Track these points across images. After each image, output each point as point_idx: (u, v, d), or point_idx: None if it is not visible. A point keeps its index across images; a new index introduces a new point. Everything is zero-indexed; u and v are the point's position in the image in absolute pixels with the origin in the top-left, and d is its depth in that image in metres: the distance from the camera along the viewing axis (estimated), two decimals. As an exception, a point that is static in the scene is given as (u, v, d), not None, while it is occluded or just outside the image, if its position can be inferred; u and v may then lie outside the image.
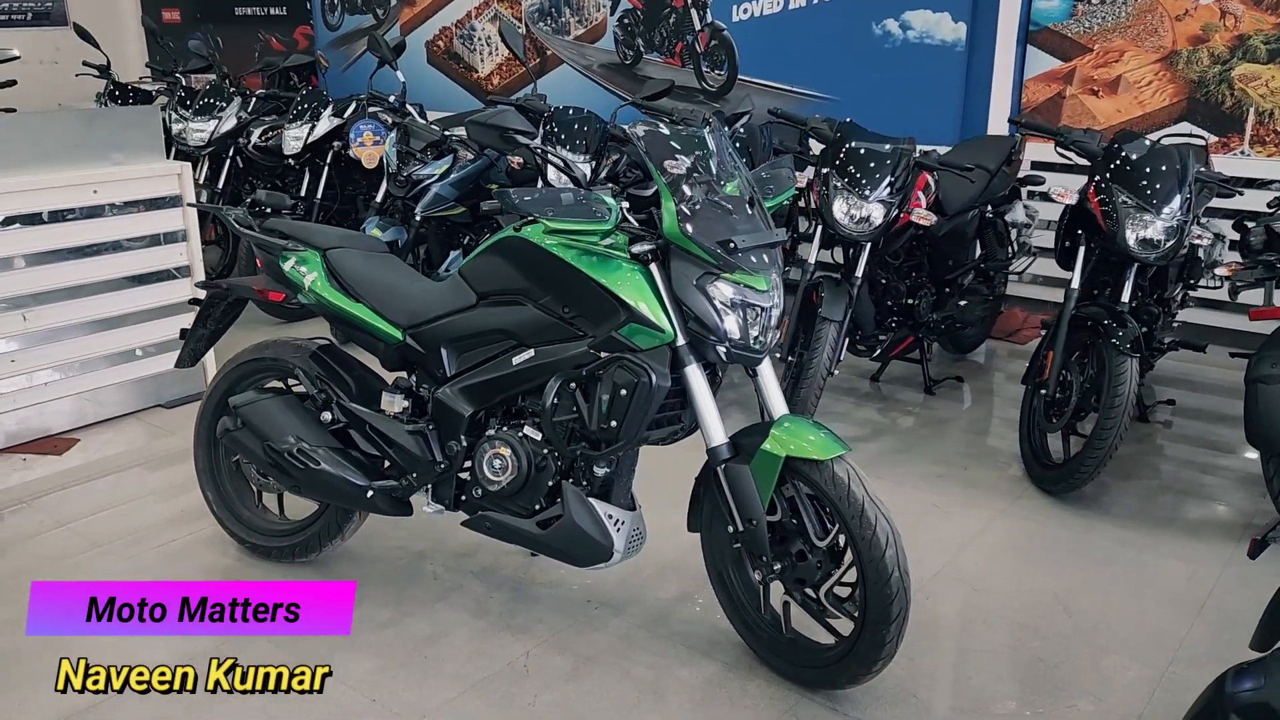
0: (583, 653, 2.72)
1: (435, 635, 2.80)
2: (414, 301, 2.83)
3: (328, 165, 5.62)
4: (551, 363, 2.59)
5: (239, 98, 5.98)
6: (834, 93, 5.72)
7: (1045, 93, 5.42)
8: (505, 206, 2.47)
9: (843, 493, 2.35)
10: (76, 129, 4.10)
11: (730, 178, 2.53)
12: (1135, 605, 2.96)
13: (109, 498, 3.65)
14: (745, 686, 2.59)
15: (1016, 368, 4.99)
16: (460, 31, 7.24)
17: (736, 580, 2.68)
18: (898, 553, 2.33)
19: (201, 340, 3.25)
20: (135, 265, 4.27)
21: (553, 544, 2.64)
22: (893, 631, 2.35)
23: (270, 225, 3.05)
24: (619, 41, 6.49)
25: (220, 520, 3.20)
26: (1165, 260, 3.49)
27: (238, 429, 2.92)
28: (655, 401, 2.47)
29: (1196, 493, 3.67)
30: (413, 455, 2.77)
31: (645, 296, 2.45)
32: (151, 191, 4.26)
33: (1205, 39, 4.99)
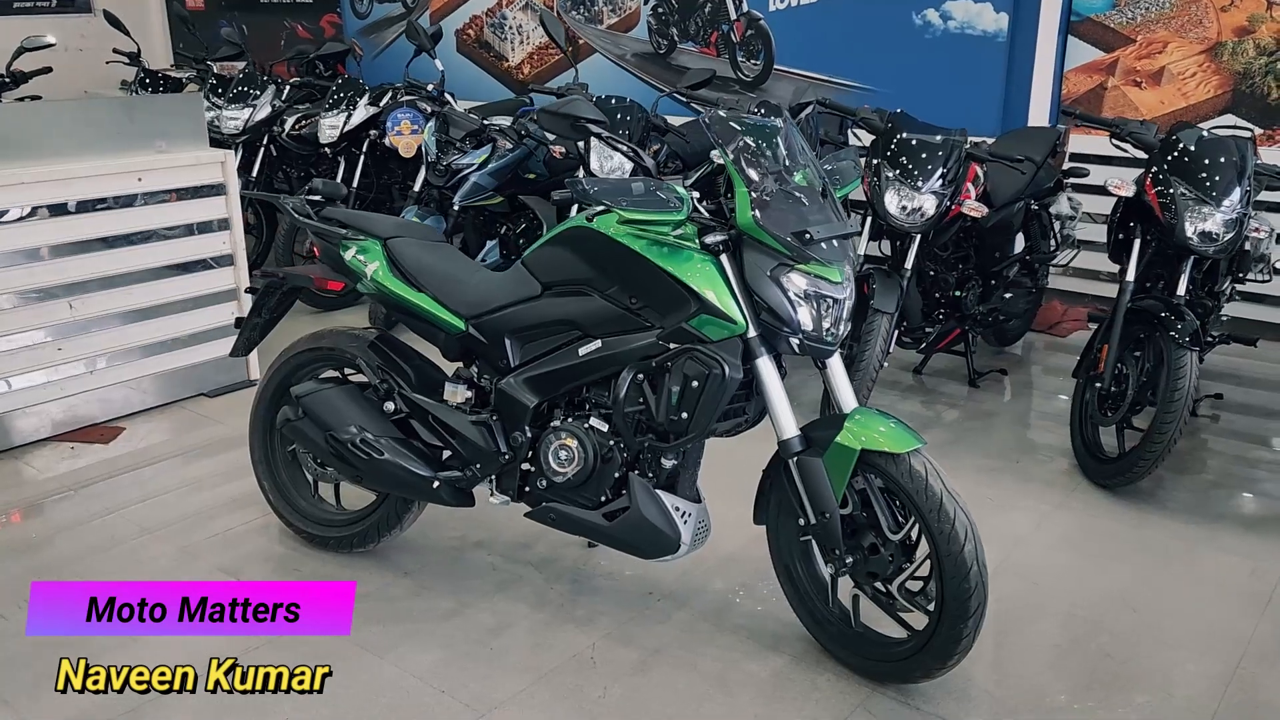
0: (649, 645, 2.71)
1: (498, 626, 2.79)
2: (476, 291, 2.82)
3: (364, 154, 5.60)
4: (619, 354, 2.58)
5: (273, 86, 5.95)
6: (872, 83, 5.68)
7: (1087, 84, 5.38)
8: (578, 196, 2.45)
9: (920, 486, 2.33)
10: (120, 116, 4.08)
11: (802, 168, 2.51)
12: (1198, 601, 2.94)
13: (157, 485, 3.65)
14: (815, 680, 2.57)
15: (1057, 360, 4.98)
16: (491, 20, 7.21)
17: (804, 574, 2.67)
18: (976, 547, 2.31)
19: (256, 329, 3.23)
20: (179, 253, 4.26)
21: (619, 536, 2.63)
22: (970, 626, 2.33)
23: (328, 214, 3.04)
24: (653, 31, 6.45)
25: (276, 510, 3.20)
26: (1224, 253, 3.45)
27: (299, 419, 2.91)
28: (727, 393, 2.45)
29: (1250, 487, 3.65)
30: (476, 446, 2.76)
31: (717, 287, 2.44)
32: (196, 180, 4.25)
33: (1251, 30, 4.94)
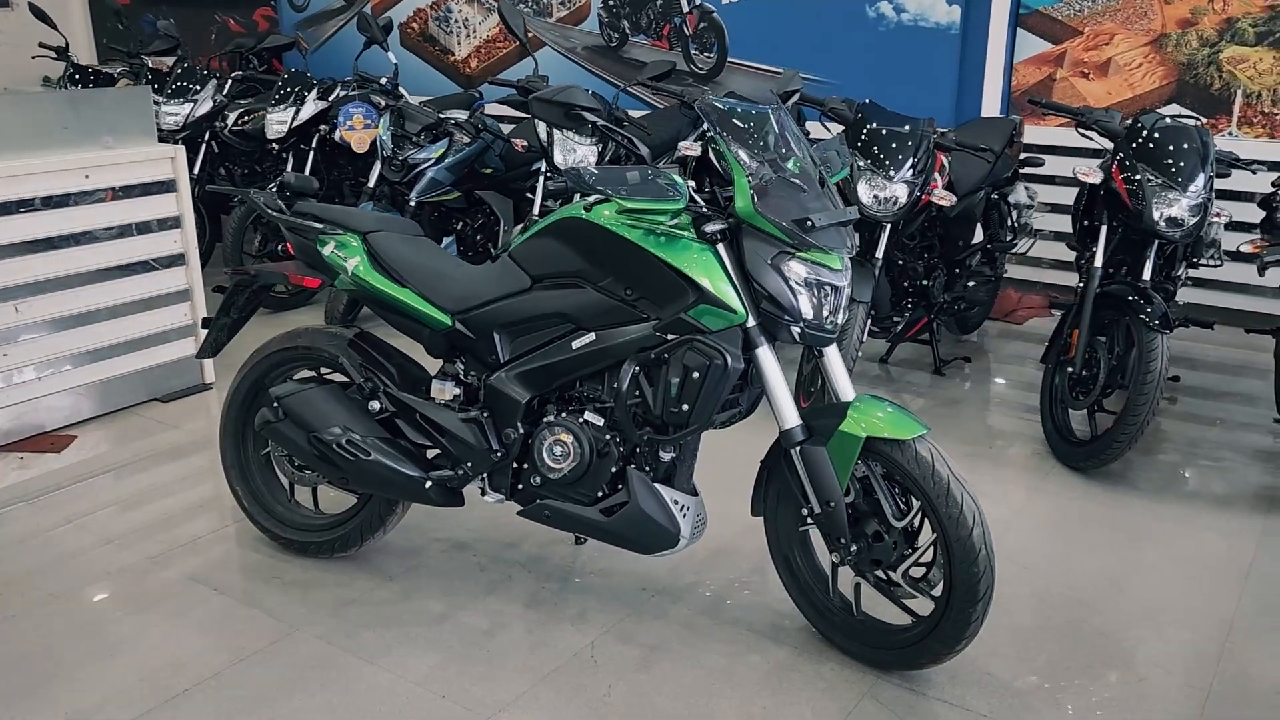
0: (648, 642, 2.67)
1: (492, 628, 2.73)
2: (462, 286, 2.74)
3: (313, 150, 5.46)
4: (614, 346, 2.53)
5: (214, 80, 5.78)
6: (827, 75, 5.71)
7: (1036, 75, 5.47)
8: (577, 186, 2.40)
9: (927, 472, 2.33)
10: (64, 111, 3.90)
11: (796, 154, 2.49)
12: (1182, 578, 3.00)
13: (115, 494, 3.50)
14: (819, 670, 2.56)
15: (1016, 348, 5.06)
16: (436, 13, 7.09)
17: (803, 564, 2.66)
18: (984, 531, 2.32)
19: (224, 329, 3.11)
20: (129, 253, 4.10)
21: (618, 531, 2.59)
22: (979, 610, 2.34)
23: (301, 209, 2.94)
24: (604, 24, 6.40)
25: (252, 516, 3.08)
26: (1190, 239, 3.53)
27: (279, 420, 2.81)
28: (728, 384, 2.43)
29: (1215, 467, 3.73)
30: (468, 444, 2.69)
31: (717, 277, 2.40)
32: (145, 176, 4.09)
33: (1194, 22, 5.07)
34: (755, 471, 2.63)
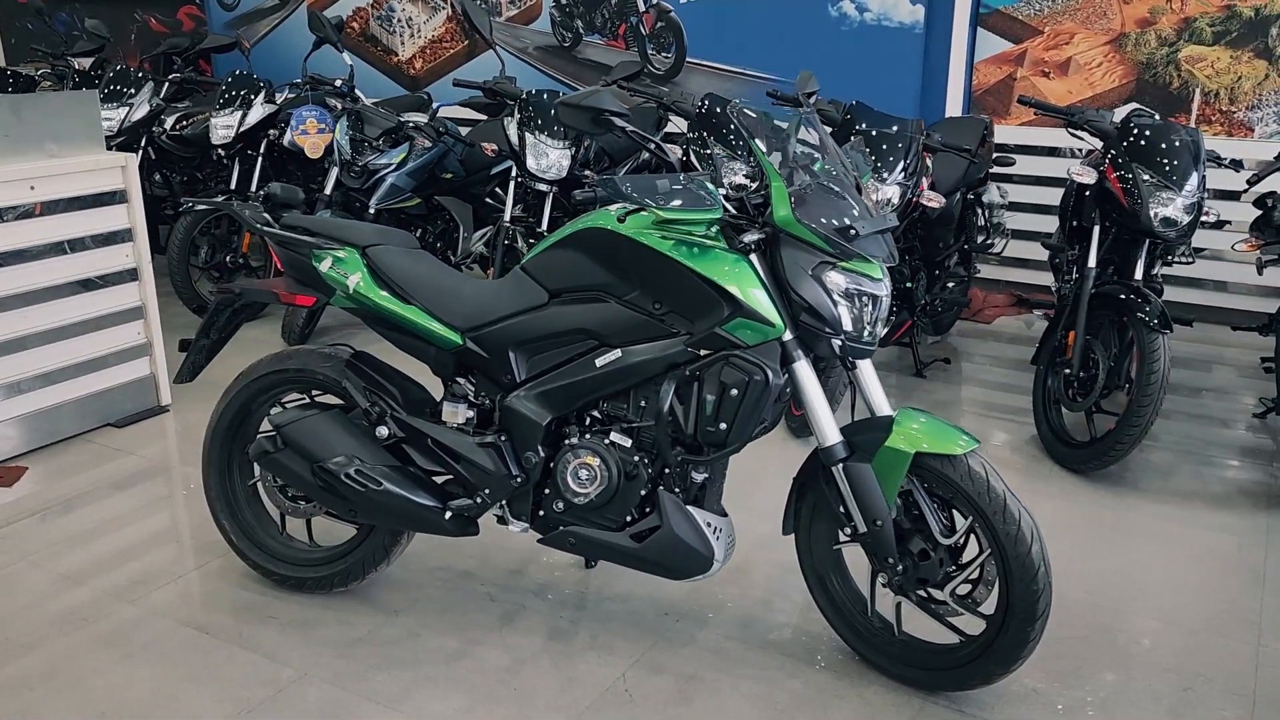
0: (681, 671, 2.55)
1: (514, 664, 2.58)
2: (472, 302, 2.58)
3: (261, 156, 5.19)
4: (642, 363, 2.41)
5: (150, 83, 5.47)
6: (788, 76, 5.64)
7: (997, 75, 5.49)
8: (612, 196, 2.27)
9: (981, 488, 2.25)
10: (6, 117, 3.62)
11: (831, 161, 2.39)
12: (1199, 580, 2.98)
13: (77, 529, 3.25)
14: (863, 694, 2.47)
15: (989, 348, 5.06)
16: (378, 12, 6.85)
17: (839, 585, 2.56)
18: (1042, 547, 2.25)
19: (203, 351, 2.90)
20: (78, 269, 3.82)
21: (649, 558, 2.46)
22: (1037, 629, 2.27)
23: (290, 221, 2.74)
24: (556, 23, 6.25)
25: (241, 552, 2.87)
26: (1185, 238, 3.53)
27: (278, 450, 2.61)
28: (769, 400, 2.33)
29: (1208, 465, 3.75)
30: (485, 470, 2.53)
31: (755, 289, 2.30)
32: (94, 186, 3.82)
33: (1153, 21, 5.13)
34: (758, 484, 2.53)
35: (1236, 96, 5.01)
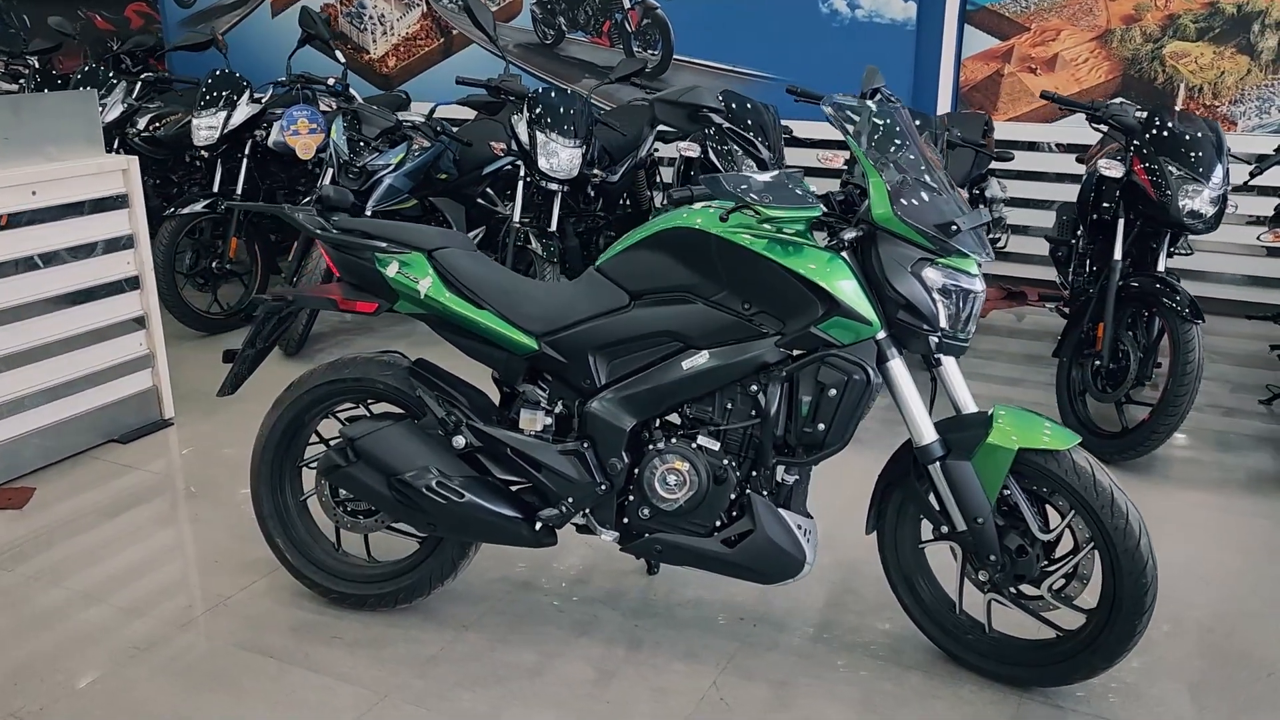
0: (773, 677, 2.51)
1: (600, 676, 2.51)
2: (545, 305, 2.51)
3: (247, 157, 5.01)
4: (732, 365, 2.36)
5: (123, 83, 5.24)
6: (779, 72, 5.64)
7: (984, 71, 5.55)
8: (716, 194, 2.21)
9: (1088, 483, 2.25)
10: (4, 118, 3.42)
11: (923, 156, 2.37)
12: (1258, 567, 3.03)
13: (108, 553, 3.08)
14: (958, 693, 2.45)
15: (985, 343, 5.10)
16: (348, 9, 6.67)
17: (926, 584, 2.54)
18: (1149, 540, 2.26)
19: (247, 362, 2.75)
20: (78, 278, 3.63)
21: (741, 563, 2.41)
22: (1144, 621, 2.27)
23: (344, 224, 2.63)
24: (538, 20, 6.15)
25: (296, 570, 2.75)
26: (1211, 230, 3.59)
27: (350, 464, 2.50)
28: (869, 400, 2.30)
29: (1227, 452, 3.82)
30: (569, 479, 2.46)
31: (851, 287, 2.27)
32: (96, 190, 3.64)
33: (1138, 18, 5.24)
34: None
35: (1220, 91, 5.13)
